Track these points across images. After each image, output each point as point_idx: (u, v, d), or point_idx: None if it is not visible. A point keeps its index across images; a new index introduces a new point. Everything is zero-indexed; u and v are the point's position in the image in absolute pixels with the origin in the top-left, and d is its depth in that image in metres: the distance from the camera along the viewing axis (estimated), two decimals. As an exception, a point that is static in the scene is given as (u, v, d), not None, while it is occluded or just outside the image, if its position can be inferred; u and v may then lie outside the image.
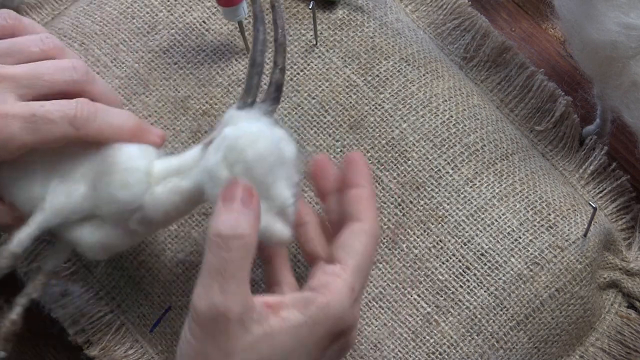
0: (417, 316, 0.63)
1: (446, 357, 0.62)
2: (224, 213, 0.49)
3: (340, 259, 0.52)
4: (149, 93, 0.69)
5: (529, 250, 0.64)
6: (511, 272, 0.64)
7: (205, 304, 0.47)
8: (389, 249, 0.65)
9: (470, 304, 0.63)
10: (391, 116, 0.67)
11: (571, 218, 0.66)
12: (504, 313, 0.63)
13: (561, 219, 0.66)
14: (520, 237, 0.65)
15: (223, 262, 0.48)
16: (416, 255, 0.64)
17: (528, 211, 0.66)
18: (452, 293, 0.63)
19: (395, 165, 0.66)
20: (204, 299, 0.48)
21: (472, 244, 0.64)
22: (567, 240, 0.65)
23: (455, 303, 0.63)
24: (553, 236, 0.65)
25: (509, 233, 0.65)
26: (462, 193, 0.66)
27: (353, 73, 0.68)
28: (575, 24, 0.64)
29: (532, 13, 0.80)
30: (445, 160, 0.66)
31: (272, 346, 0.48)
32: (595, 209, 0.63)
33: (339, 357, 0.54)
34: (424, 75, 0.69)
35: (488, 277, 0.63)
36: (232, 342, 0.47)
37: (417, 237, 0.65)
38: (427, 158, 0.66)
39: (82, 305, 0.66)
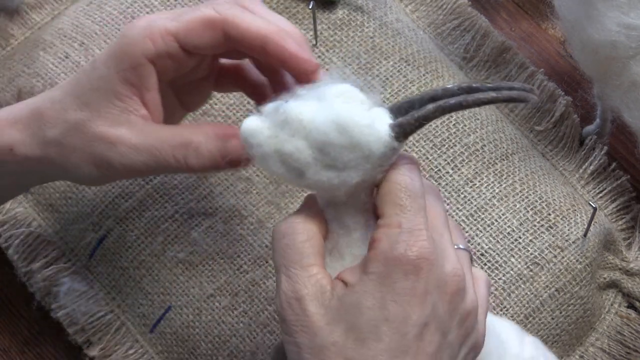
0: (417, 316, 0.63)
1: (446, 357, 0.62)
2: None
3: (380, 211, 0.49)
4: (149, 93, 0.69)
5: (529, 250, 0.64)
6: (511, 272, 0.64)
7: (281, 298, 0.48)
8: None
9: (470, 304, 0.63)
10: (391, 116, 0.67)
11: (571, 218, 0.66)
12: (504, 313, 0.63)
13: (561, 219, 0.66)
14: (520, 237, 0.65)
15: (281, 254, 0.48)
16: (416, 255, 0.64)
17: (528, 211, 0.66)
18: (452, 293, 0.63)
19: (395, 165, 0.66)
20: (278, 295, 0.48)
21: (472, 244, 0.64)
22: (567, 240, 0.65)
23: (455, 303, 0.63)
24: (553, 236, 0.65)
25: (509, 233, 0.65)
26: (462, 193, 0.66)
27: (353, 73, 0.68)
28: (575, 24, 0.64)
29: (532, 13, 0.80)
30: (445, 160, 0.66)
31: (355, 312, 0.47)
32: (595, 209, 0.63)
33: (451, 308, 0.49)
34: (424, 75, 0.69)
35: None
36: (314, 320, 0.47)
37: (417, 237, 0.65)
38: (427, 158, 0.66)
39: (82, 305, 0.67)
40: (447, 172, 0.66)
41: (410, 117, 0.46)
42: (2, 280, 0.70)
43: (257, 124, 0.47)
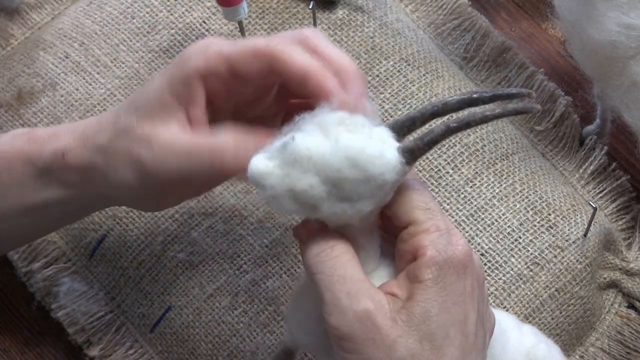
0: (417, 316, 0.63)
1: (446, 357, 0.62)
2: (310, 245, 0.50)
3: (410, 219, 0.50)
4: (149, 93, 0.69)
5: (529, 250, 0.64)
6: (511, 272, 0.64)
7: (345, 314, 0.48)
8: (389, 249, 0.65)
9: (470, 304, 0.63)
10: (391, 116, 0.67)
11: (571, 218, 0.66)
12: (504, 313, 0.63)
13: (561, 219, 0.66)
14: (520, 237, 0.65)
15: (333, 273, 0.48)
16: (416, 255, 0.64)
17: (528, 211, 0.66)
18: (452, 293, 0.63)
19: (395, 165, 0.66)
20: (339, 313, 0.48)
21: (472, 244, 0.64)
22: (567, 240, 0.65)
23: (455, 303, 0.63)
24: (553, 236, 0.65)
25: (509, 233, 0.65)
26: (462, 193, 0.66)
27: (353, 73, 0.68)
28: (575, 24, 0.64)
29: (532, 13, 0.80)
30: (445, 160, 0.66)
31: (423, 321, 0.47)
32: (595, 209, 0.63)
33: (481, 291, 0.51)
34: (424, 75, 0.69)
35: (488, 277, 0.63)
36: (387, 333, 0.47)
37: (417, 237, 0.65)
38: (427, 158, 0.66)
39: (82, 305, 0.66)
40: (447, 172, 0.66)
41: (420, 142, 0.46)
42: (2, 280, 0.70)
43: (266, 165, 0.46)
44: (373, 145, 0.46)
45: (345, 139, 0.45)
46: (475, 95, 0.47)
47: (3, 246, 0.63)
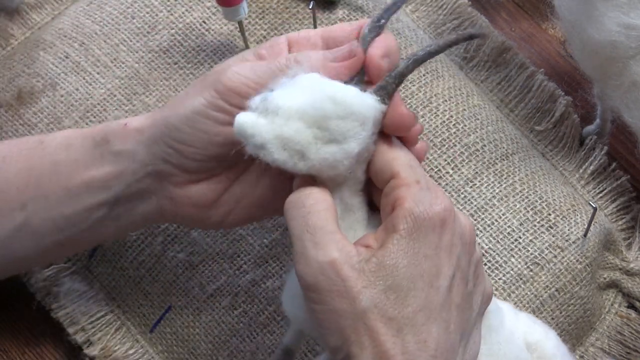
0: (417, 316, 0.63)
1: (446, 357, 0.62)
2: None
3: (392, 173, 0.50)
4: (149, 93, 0.69)
5: (529, 250, 0.64)
6: (511, 272, 0.64)
7: (310, 264, 0.48)
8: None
9: (470, 304, 0.63)
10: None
11: (571, 218, 0.66)
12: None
13: (561, 219, 0.66)
14: (520, 237, 0.65)
15: (303, 222, 0.48)
16: (416, 255, 0.64)
17: (528, 211, 0.66)
18: (452, 293, 0.63)
19: (395, 165, 0.66)
20: (304, 263, 0.48)
21: (472, 244, 0.64)
22: (567, 240, 0.65)
23: (455, 303, 0.63)
24: (553, 236, 0.65)
25: (509, 233, 0.65)
26: (462, 193, 0.66)
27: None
28: (575, 24, 0.64)
29: (532, 13, 0.80)
30: (446, 160, 0.66)
31: (390, 272, 0.47)
32: (595, 209, 0.63)
33: (464, 252, 0.50)
34: (424, 75, 0.69)
35: (488, 277, 0.63)
36: (351, 285, 0.47)
37: (417, 237, 0.65)
38: (427, 158, 0.66)
39: (82, 305, 0.66)
40: (447, 172, 0.66)
41: (389, 78, 0.50)
42: (2, 280, 0.70)
43: (250, 117, 0.48)
44: (349, 87, 0.49)
45: (326, 83, 0.48)
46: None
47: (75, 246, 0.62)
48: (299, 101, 0.48)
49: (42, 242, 0.58)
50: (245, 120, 0.48)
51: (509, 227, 0.65)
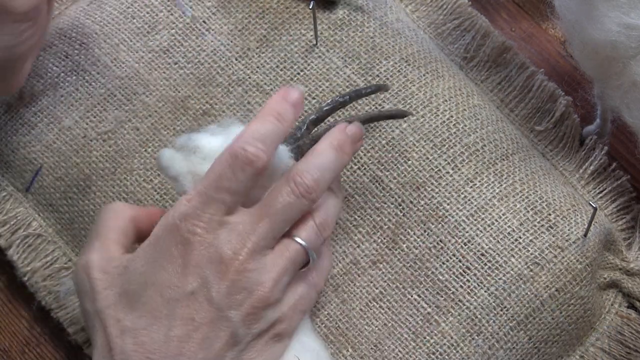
0: (418, 316, 0.63)
1: (446, 357, 0.62)
2: None
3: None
4: (149, 93, 0.69)
5: (529, 250, 0.64)
6: (511, 272, 0.64)
7: (75, 266, 0.55)
8: (389, 249, 0.65)
9: (471, 304, 0.63)
10: (391, 116, 0.67)
11: (571, 218, 0.66)
12: (504, 313, 0.63)
13: (561, 219, 0.66)
14: (520, 237, 0.65)
15: (93, 228, 0.56)
16: (416, 256, 0.64)
17: (528, 211, 0.66)
18: (453, 293, 0.63)
19: (395, 165, 0.66)
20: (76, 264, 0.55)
21: (472, 244, 0.64)
22: (567, 240, 0.65)
23: (456, 303, 0.63)
24: (553, 236, 0.65)
25: (509, 233, 0.65)
26: (462, 193, 0.66)
27: (353, 73, 0.68)
28: (575, 24, 0.64)
29: (532, 13, 0.80)
30: (446, 160, 0.66)
31: (128, 277, 0.52)
32: (595, 209, 0.63)
33: (210, 262, 0.52)
34: (424, 75, 0.69)
35: (488, 277, 0.63)
36: (95, 285, 0.52)
37: (418, 237, 0.65)
38: (427, 158, 0.66)
39: (82, 305, 0.66)
40: (447, 172, 0.66)
41: (305, 138, 0.59)
42: (2, 280, 0.70)
43: (171, 153, 0.56)
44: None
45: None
46: (342, 99, 0.62)
47: None
48: (217, 145, 0.55)
49: None
50: (166, 154, 0.56)
51: (509, 227, 0.65)
